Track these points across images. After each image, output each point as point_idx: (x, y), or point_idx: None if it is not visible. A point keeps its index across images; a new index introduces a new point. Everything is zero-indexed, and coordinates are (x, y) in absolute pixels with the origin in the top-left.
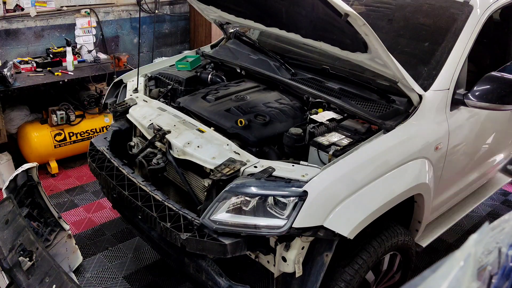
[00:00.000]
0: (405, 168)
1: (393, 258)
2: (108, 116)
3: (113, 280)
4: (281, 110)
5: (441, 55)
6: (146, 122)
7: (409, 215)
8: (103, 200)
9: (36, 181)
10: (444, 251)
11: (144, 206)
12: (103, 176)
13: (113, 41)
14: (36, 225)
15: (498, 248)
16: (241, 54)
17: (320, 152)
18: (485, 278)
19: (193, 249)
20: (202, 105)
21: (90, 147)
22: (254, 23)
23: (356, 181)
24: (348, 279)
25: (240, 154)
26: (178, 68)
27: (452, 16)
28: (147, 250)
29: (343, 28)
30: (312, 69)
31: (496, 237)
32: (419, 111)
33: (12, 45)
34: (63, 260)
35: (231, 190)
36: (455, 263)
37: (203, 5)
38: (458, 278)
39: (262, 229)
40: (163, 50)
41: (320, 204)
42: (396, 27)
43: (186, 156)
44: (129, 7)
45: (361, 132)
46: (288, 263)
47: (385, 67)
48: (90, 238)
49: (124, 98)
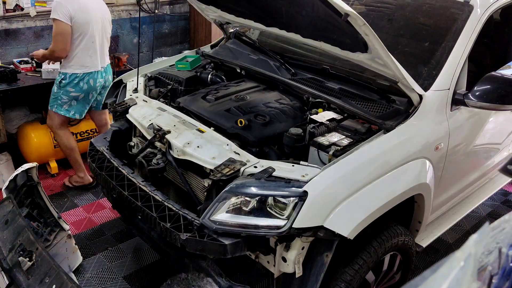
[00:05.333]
0: (405, 168)
1: (393, 258)
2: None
3: (113, 280)
4: (281, 110)
5: (441, 55)
6: (146, 122)
7: (409, 215)
8: (103, 200)
9: (36, 181)
10: (444, 251)
11: (144, 206)
12: (103, 176)
13: (113, 41)
14: (36, 225)
15: (499, 248)
16: (241, 54)
17: (320, 152)
18: (486, 278)
19: (193, 249)
20: (202, 105)
21: (90, 147)
22: (254, 23)
23: (356, 181)
24: (348, 279)
25: (240, 154)
26: (178, 68)
27: (453, 16)
28: (147, 250)
29: (343, 28)
30: (312, 69)
31: (497, 237)
32: (419, 111)
33: (12, 45)
34: (63, 260)
35: (231, 190)
36: (455, 263)
37: (203, 5)
38: (458, 278)
39: (262, 229)
40: (163, 50)
41: (320, 204)
42: (396, 27)
43: (186, 156)
44: (129, 7)
45: (361, 132)
46: (288, 263)
47: (385, 67)
48: (90, 238)
49: (124, 98)
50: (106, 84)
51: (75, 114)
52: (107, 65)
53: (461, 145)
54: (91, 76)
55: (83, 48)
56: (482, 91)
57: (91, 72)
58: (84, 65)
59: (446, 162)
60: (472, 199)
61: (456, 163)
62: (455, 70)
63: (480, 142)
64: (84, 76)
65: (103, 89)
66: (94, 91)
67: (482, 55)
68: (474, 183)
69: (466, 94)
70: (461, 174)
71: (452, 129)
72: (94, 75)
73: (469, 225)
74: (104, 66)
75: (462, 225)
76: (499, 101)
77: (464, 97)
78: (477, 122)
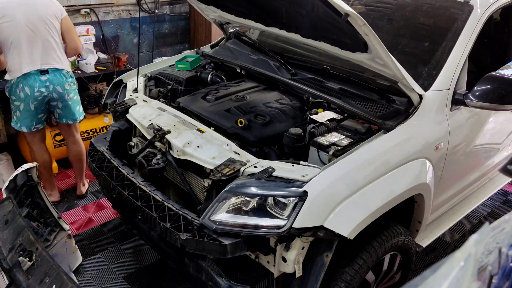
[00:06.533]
0: (406, 168)
1: (393, 258)
2: (108, 116)
3: (113, 280)
4: (281, 110)
5: (441, 55)
6: (146, 122)
7: (409, 215)
8: (103, 200)
9: (36, 181)
10: (444, 251)
11: (144, 206)
12: (103, 176)
13: (113, 41)
14: (36, 225)
15: (499, 248)
16: (241, 54)
17: (320, 152)
18: (486, 278)
19: (193, 249)
20: (202, 105)
21: (90, 147)
22: (254, 23)
23: (356, 181)
24: (348, 279)
25: (240, 154)
26: (178, 68)
27: (453, 16)
28: (147, 250)
29: (343, 28)
30: (312, 69)
31: (497, 237)
32: (419, 111)
33: None
34: (63, 260)
35: (231, 190)
36: (455, 263)
37: (203, 5)
38: (459, 278)
39: (262, 229)
40: (163, 50)
41: (320, 204)
42: (396, 27)
43: (186, 156)
44: (129, 7)
45: (361, 132)
46: (288, 263)
47: (385, 67)
48: (90, 238)
49: (124, 98)
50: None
51: (21, 127)
52: (55, 72)
53: (461, 145)
54: (26, 83)
55: (13, 53)
56: (482, 91)
57: (25, 79)
58: (12, 70)
59: (446, 162)
60: (472, 199)
61: (456, 163)
62: (455, 70)
63: (480, 142)
64: (19, 83)
65: (60, 101)
66: (35, 102)
67: (482, 55)
68: (474, 183)
69: (466, 94)
70: (461, 174)
71: (452, 129)
72: (29, 81)
73: (469, 225)
74: (44, 70)
75: (462, 225)
76: (499, 101)
77: (464, 97)
78: (477, 122)
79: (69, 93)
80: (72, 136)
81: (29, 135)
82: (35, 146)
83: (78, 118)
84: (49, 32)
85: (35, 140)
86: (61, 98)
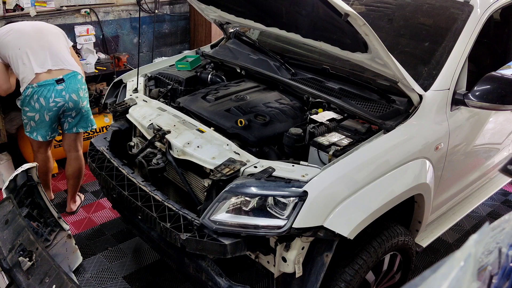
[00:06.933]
0: (405, 168)
1: (393, 258)
2: (108, 116)
3: (113, 280)
4: (281, 110)
5: (441, 55)
6: (146, 122)
7: (409, 215)
8: (103, 200)
9: (35, 181)
10: (444, 251)
11: (144, 206)
12: (103, 176)
13: (113, 41)
14: (36, 225)
15: (498, 248)
16: (241, 54)
17: (320, 152)
18: (486, 278)
19: (193, 249)
20: (202, 105)
21: (90, 147)
22: (254, 23)
23: (356, 181)
24: (348, 279)
25: (240, 154)
26: (178, 68)
27: (452, 16)
28: (147, 250)
29: (343, 28)
30: (312, 69)
31: (496, 237)
32: (419, 111)
33: None
34: (63, 260)
35: (231, 190)
36: (455, 263)
37: (203, 5)
38: (458, 278)
39: (262, 229)
40: (163, 50)
41: (320, 204)
42: (396, 27)
43: (186, 156)
44: (129, 7)
45: (361, 132)
46: (288, 263)
47: (385, 67)
48: (90, 238)
49: (124, 98)
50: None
51: (37, 136)
52: (70, 79)
53: (461, 145)
54: (41, 94)
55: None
56: (482, 91)
57: (41, 89)
58: (24, 76)
59: (446, 162)
60: (472, 199)
61: (456, 163)
62: (455, 70)
63: (480, 142)
64: (34, 94)
65: (74, 110)
66: (50, 112)
67: (482, 55)
68: (474, 183)
69: (466, 94)
70: (461, 174)
71: (452, 129)
72: (44, 92)
73: (469, 225)
74: (60, 79)
75: (462, 225)
76: (499, 101)
77: (464, 97)
78: (477, 122)
79: (83, 101)
80: (75, 152)
81: (37, 143)
82: (41, 155)
83: (90, 127)
84: (58, 39)
85: (42, 150)
86: (75, 106)
